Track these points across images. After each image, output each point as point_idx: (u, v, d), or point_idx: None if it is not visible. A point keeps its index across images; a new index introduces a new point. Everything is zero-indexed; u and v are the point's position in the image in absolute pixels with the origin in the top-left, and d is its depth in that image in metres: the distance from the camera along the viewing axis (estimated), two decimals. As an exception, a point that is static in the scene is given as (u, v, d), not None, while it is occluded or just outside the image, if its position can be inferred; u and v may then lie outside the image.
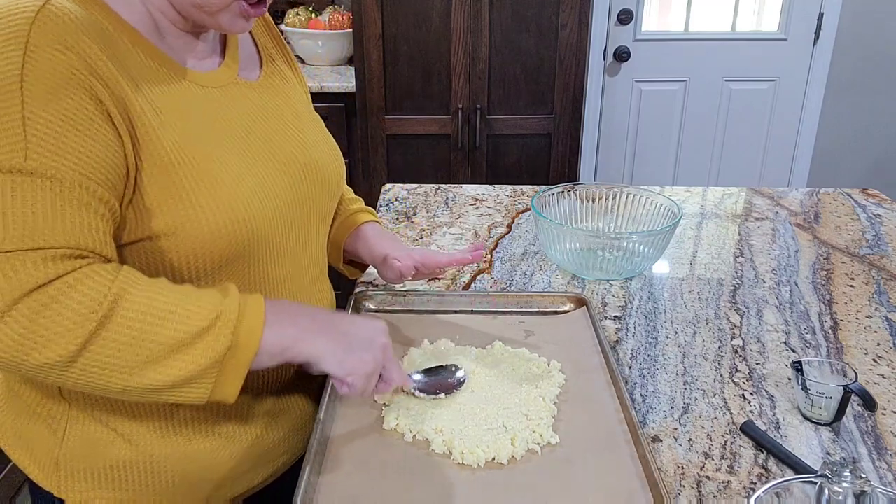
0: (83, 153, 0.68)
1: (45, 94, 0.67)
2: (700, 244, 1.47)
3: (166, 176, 0.74)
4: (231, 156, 0.80)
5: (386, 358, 0.82)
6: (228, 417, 0.87)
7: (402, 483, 0.78)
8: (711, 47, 3.09)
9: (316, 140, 0.95)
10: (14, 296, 0.63)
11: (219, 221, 0.76)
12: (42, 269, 0.64)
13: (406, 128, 2.61)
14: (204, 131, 0.79)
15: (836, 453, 0.88)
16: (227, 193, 0.77)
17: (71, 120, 0.68)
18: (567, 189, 1.40)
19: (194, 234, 0.75)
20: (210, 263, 0.78)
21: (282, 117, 0.91)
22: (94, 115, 0.69)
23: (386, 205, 1.62)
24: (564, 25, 2.51)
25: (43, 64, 0.67)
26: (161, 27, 0.81)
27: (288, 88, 0.96)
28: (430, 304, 1.14)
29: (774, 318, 1.19)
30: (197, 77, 0.82)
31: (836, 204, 1.69)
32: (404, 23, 2.49)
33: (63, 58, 0.68)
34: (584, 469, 0.80)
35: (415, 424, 0.85)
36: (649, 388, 1.00)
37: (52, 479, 0.84)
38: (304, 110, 0.97)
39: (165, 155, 0.74)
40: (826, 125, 3.21)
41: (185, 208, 0.75)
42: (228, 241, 0.78)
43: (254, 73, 0.92)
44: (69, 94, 0.68)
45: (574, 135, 2.67)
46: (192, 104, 0.80)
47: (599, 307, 1.21)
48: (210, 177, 0.77)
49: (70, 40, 0.69)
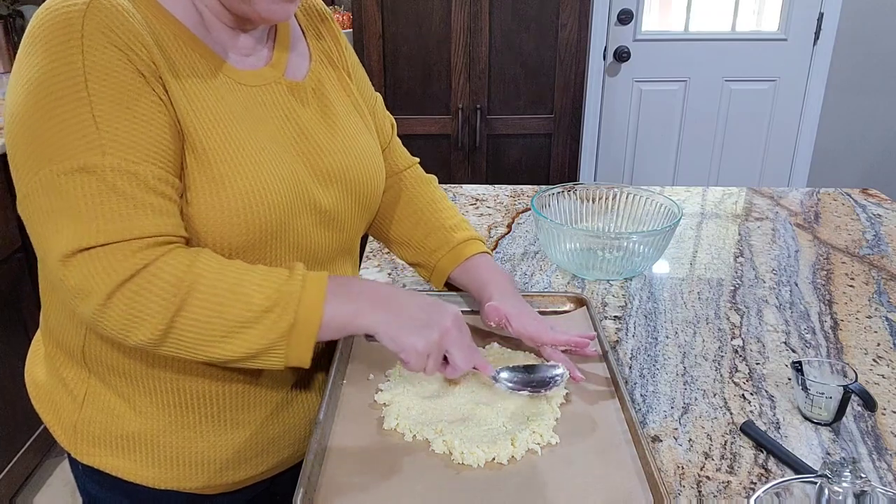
0: (151, 143, 0.73)
1: (109, 90, 0.71)
2: (700, 244, 1.47)
3: (195, 158, 0.78)
4: (253, 149, 0.82)
5: (448, 342, 0.82)
6: (237, 404, 0.90)
7: (402, 483, 0.78)
8: (711, 47, 3.09)
9: (350, 148, 0.94)
10: (112, 285, 0.70)
11: (233, 205, 0.79)
12: (133, 259, 0.71)
13: (406, 128, 2.61)
14: (231, 123, 0.81)
15: (836, 453, 0.88)
16: (244, 183, 0.80)
17: (135, 111, 0.72)
18: (567, 189, 1.40)
19: (214, 211, 0.79)
20: (231, 242, 0.81)
21: (316, 122, 0.91)
22: (152, 103, 0.74)
23: (386, 205, 1.62)
24: (564, 25, 2.51)
25: (101, 59, 0.71)
26: (207, 21, 0.83)
27: (332, 92, 0.96)
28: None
29: (774, 318, 1.19)
30: (235, 73, 0.84)
31: (836, 204, 1.69)
32: (404, 23, 2.49)
33: (117, 49, 0.72)
34: (584, 469, 0.80)
35: (415, 425, 0.85)
36: (649, 388, 1.00)
37: (72, 442, 0.90)
38: (346, 116, 0.96)
39: (197, 139, 0.78)
40: (826, 125, 3.21)
41: (210, 192, 0.78)
42: (242, 226, 0.80)
43: (301, 74, 0.93)
44: (129, 87, 0.72)
45: (574, 135, 2.67)
46: (232, 99, 0.83)
47: (599, 307, 1.21)
48: (237, 166, 0.80)
49: (121, 30, 0.73)
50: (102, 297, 0.70)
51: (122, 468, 0.89)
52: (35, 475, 2.17)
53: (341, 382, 0.95)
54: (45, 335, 0.93)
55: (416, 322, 0.81)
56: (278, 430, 0.95)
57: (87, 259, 0.70)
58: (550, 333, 0.95)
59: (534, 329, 0.95)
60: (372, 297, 0.82)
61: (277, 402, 0.94)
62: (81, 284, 0.71)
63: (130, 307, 0.71)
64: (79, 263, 0.70)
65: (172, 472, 0.89)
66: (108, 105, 0.71)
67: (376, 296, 0.83)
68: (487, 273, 1.03)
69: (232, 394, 0.89)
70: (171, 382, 0.87)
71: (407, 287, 1.20)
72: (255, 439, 0.93)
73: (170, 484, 0.90)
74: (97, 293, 0.70)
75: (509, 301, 0.98)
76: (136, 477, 0.89)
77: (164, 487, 0.90)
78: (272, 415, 0.94)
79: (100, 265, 0.70)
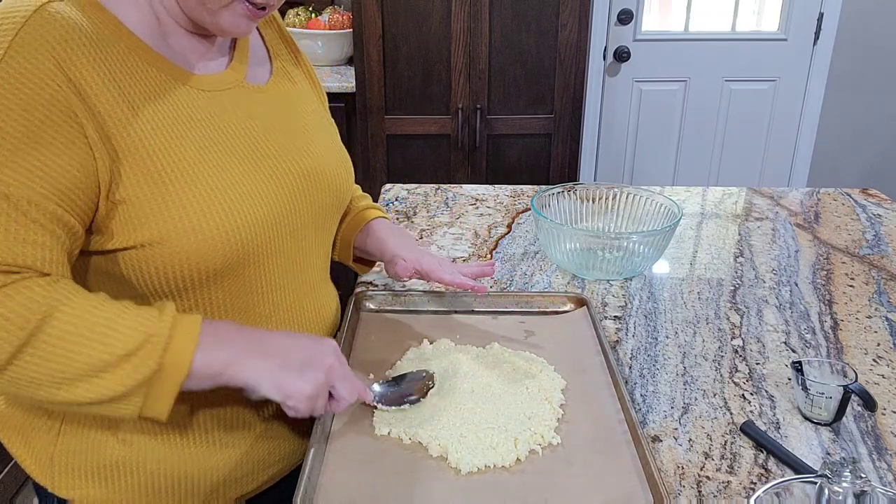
0: (42, 170, 0.67)
1: (13, 104, 0.65)
2: (700, 244, 1.47)
3: (154, 185, 0.73)
4: (228, 161, 0.79)
5: (334, 377, 0.79)
6: (223, 424, 0.87)
7: (402, 483, 0.78)
8: (711, 47, 3.09)
9: (323, 147, 0.93)
10: None
11: (209, 231, 0.75)
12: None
13: (406, 128, 2.61)
14: (200, 137, 0.77)
15: (836, 453, 0.88)
16: (218, 201, 0.76)
17: (34, 133, 0.66)
18: (567, 189, 1.40)
19: (184, 244, 0.74)
20: (202, 273, 0.77)
21: (286, 122, 0.89)
22: (62, 130, 0.68)
23: (386, 205, 1.62)
24: (564, 25, 2.51)
25: (19, 70, 0.65)
26: (165, 27, 0.79)
27: (297, 92, 0.94)
28: (430, 304, 1.14)
29: (774, 318, 1.19)
30: (199, 81, 0.81)
31: (836, 204, 1.69)
32: (404, 23, 2.49)
33: (43, 67, 0.66)
34: (584, 469, 0.80)
35: (409, 427, 0.85)
36: (649, 388, 1.00)
37: (47, 475, 0.84)
38: (313, 115, 0.95)
39: (152, 164, 0.73)
40: (826, 125, 3.21)
41: (173, 218, 0.74)
42: (220, 251, 0.76)
43: (263, 77, 0.91)
44: (39, 107, 0.66)
45: (574, 135, 2.67)
46: (191, 109, 0.78)
47: (599, 307, 1.21)
48: (201, 184, 0.75)
49: (59, 48, 0.67)
50: None
51: (107, 499, 0.83)
52: (35, 475, 2.17)
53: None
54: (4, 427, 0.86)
55: (298, 365, 0.77)
56: (269, 446, 0.92)
57: None
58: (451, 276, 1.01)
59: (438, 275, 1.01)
60: (248, 342, 0.77)
61: (268, 418, 0.91)
62: None
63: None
64: None
65: (161, 500, 0.85)
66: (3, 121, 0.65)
67: (251, 340, 0.77)
68: (384, 232, 1.07)
69: (219, 414, 0.86)
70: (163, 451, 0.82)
71: (406, 287, 1.20)
72: (247, 458, 0.89)
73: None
74: None
75: (413, 252, 1.04)
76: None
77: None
78: (263, 433, 0.91)
79: None
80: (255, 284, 0.83)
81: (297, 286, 0.89)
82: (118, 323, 0.69)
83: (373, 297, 1.15)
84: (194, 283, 0.78)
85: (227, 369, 0.74)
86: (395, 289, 1.18)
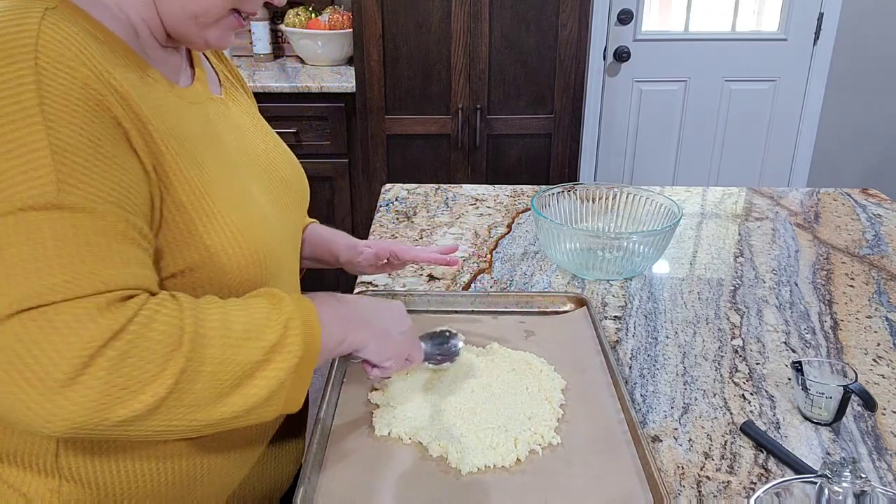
0: (115, 181, 0.62)
1: (67, 117, 0.59)
2: (700, 244, 1.47)
3: (195, 203, 0.70)
4: (235, 172, 0.78)
5: (412, 343, 0.88)
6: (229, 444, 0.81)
7: (402, 483, 0.78)
8: (711, 47, 3.09)
9: (282, 154, 0.94)
10: (86, 352, 0.55)
11: (247, 243, 0.74)
12: (108, 315, 0.57)
13: (406, 128, 2.61)
14: (209, 150, 0.75)
15: (836, 453, 0.88)
16: (247, 213, 0.75)
17: (98, 145, 0.61)
18: (567, 189, 1.40)
19: (227, 261, 0.72)
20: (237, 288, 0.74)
21: (252, 132, 0.89)
22: (117, 138, 0.63)
23: (386, 205, 1.62)
24: (564, 25, 2.51)
25: (59, 83, 0.60)
26: (142, 40, 0.74)
27: (245, 103, 0.95)
28: (430, 304, 1.14)
29: (774, 318, 1.19)
30: (180, 91, 0.78)
31: (836, 204, 1.69)
32: (404, 23, 2.49)
33: (78, 75, 0.61)
34: (584, 469, 0.80)
35: (410, 429, 0.85)
36: (649, 388, 1.00)
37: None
38: (259, 121, 0.95)
39: (185, 174, 0.70)
40: (826, 125, 3.21)
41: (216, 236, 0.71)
42: (256, 262, 0.75)
43: (216, 88, 0.89)
44: (92, 115, 0.61)
45: (574, 135, 2.67)
46: (191, 123, 0.76)
47: (599, 307, 1.21)
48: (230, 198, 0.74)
49: (81, 54, 0.62)
50: (70, 369, 0.54)
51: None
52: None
53: (341, 381, 0.95)
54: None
55: (393, 329, 0.84)
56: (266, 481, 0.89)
57: (36, 321, 0.54)
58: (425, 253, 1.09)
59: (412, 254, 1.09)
60: (351, 313, 0.81)
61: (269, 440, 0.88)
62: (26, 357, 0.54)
63: (116, 375, 0.56)
64: (21, 328, 0.54)
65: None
66: (67, 134, 0.59)
67: (352, 310, 0.81)
68: (327, 233, 1.10)
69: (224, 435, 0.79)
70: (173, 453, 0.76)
71: (406, 286, 1.20)
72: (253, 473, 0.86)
73: None
74: (59, 366, 0.54)
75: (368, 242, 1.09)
76: None
77: None
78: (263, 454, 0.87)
79: (61, 327, 0.55)
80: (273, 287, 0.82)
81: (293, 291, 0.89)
82: (253, 319, 0.67)
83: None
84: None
85: (341, 344, 0.78)
86: (395, 289, 1.18)
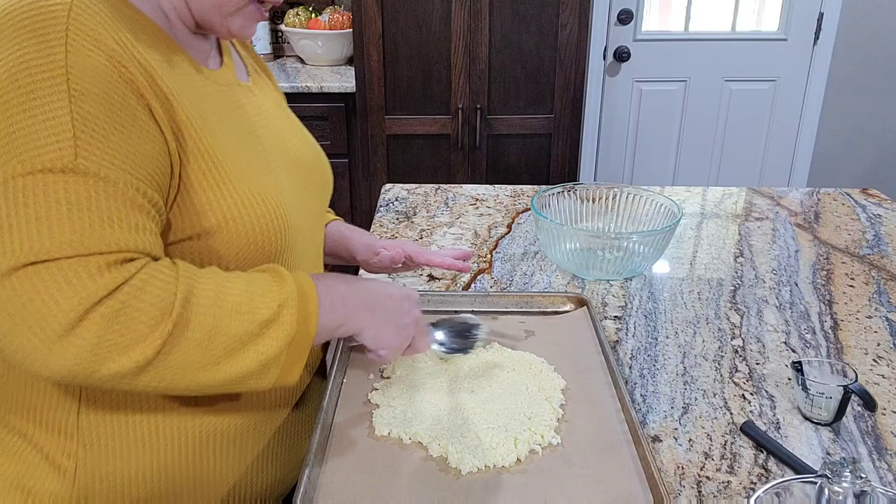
0: (131, 151, 0.66)
1: (92, 89, 0.64)
2: (700, 244, 1.47)
3: (210, 171, 0.73)
4: (257, 150, 0.82)
5: (417, 330, 0.88)
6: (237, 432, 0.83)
7: (402, 483, 0.78)
8: (711, 47, 3.09)
9: (307, 143, 0.97)
10: (82, 307, 0.60)
11: (262, 214, 0.76)
12: (107, 274, 0.61)
13: (406, 128, 2.61)
14: (233, 127, 0.79)
15: (836, 453, 0.88)
16: (264, 188, 0.78)
17: (117, 116, 0.65)
18: (567, 189, 1.40)
19: (241, 229, 0.75)
20: (253, 257, 0.77)
21: (278, 119, 0.92)
22: (137, 110, 0.67)
23: (386, 205, 1.63)
24: (564, 25, 2.51)
25: (86, 56, 0.64)
26: (171, 23, 0.79)
27: (267, 87, 0.97)
28: (430, 304, 1.14)
29: (774, 318, 1.19)
30: (208, 73, 0.82)
31: (836, 204, 1.69)
32: (404, 23, 2.49)
33: (105, 49, 0.66)
34: (584, 469, 0.80)
35: (410, 427, 0.85)
36: (649, 388, 1.00)
37: None
38: (286, 111, 0.99)
39: (205, 148, 0.73)
40: (826, 125, 3.21)
41: (231, 205, 0.74)
42: (272, 233, 0.78)
43: (243, 76, 0.92)
44: (114, 88, 0.66)
45: (574, 135, 2.67)
46: (216, 102, 0.80)
47: (599, 307, 1.21)
48: (248, 172, 0.77)
49: (110, 30, 0.67)
50: (67, 321, 0.59)
51: None
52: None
53: (341, 381, 0.95)
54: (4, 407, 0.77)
55: (396, 320, 0.85)
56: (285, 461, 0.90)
57: (41, 275, 0.59)
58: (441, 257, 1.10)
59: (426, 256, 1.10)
60: (355, 297, 0.81)
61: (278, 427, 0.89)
62: (32, 307, 0.59)
63: (107, 331, 0.60)
64: (29, 280, 0.59)
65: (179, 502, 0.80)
66: (90, 105, 0.63)
67: (357, 294, 0.82)
68: (348, 231, 1.12)
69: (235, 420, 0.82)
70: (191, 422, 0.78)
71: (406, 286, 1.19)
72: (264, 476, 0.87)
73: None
74: (57, 317, 0.59)
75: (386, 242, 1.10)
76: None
77: None
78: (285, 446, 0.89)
79: (63, 282, 0.59)
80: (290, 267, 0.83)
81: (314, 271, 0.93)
82: (251, 293, 0.69)
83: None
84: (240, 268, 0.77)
85: (341, 327, 0.80)
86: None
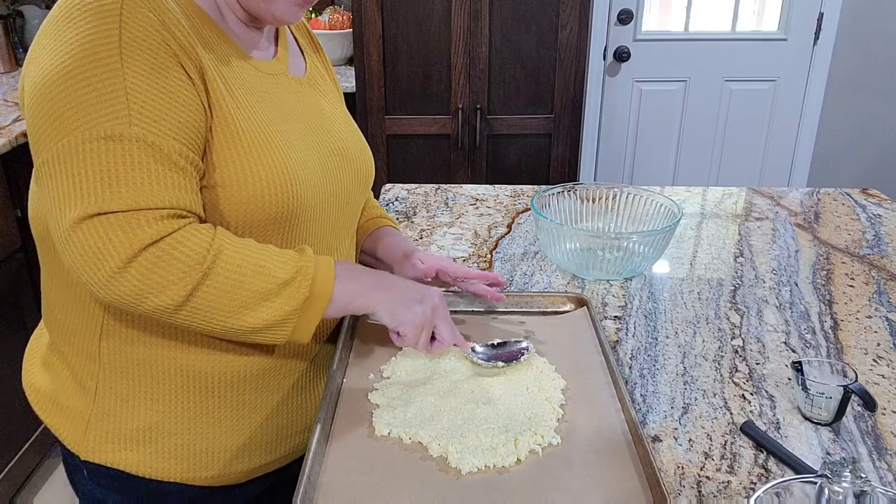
0: (176, 120, 0.76)
1: (142, 65, 0.74)
2: (700, 244, 1.47)
3: (229, 134, 0.82)
4: (286, 129, 0.88)
5: (437, 316, 0.92)
6: (255, 386, 0.92)
7: (402, 483, 0.78)
8: (711, 47, 3.09)
9: (351, 136, 1.02)
10: (133, 250, 0.72)
11: (273, 180, 0.83)
12: (154, 226, 0.73)
13: (406, 128, 2.61)
14: (262, 105, 0.87)
15: (836, 453, 0.88)
16: (281, 157, 0.84)
17: (164, 88, 0.75)
18: (567, 189, 1.40)
19: (250, 188, 0.82)
20: (256, 220, 0.84)
21: (323, 113, 0.98)
22: (181, 81, 0.77)
23: (386, 205, 1.63)
24: (564, 25, 2.51)
25: (137, 33, 0.74)
26: (223, 14, 0.88)
27: (326, 88, 1.04)
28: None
29: (774, 318, 1.19)
30: (254, 61, 0.90)
31: (836, 204, 1.69)
32: (404, 23, 2.49)
33: (152, 28, 0.75)
34: (584, 469, 0.80)
35: (410, 428, 0.85)
36: (649, 388, 1.00)
37: (81, 441, 0.90)
38: (341, 110, 1.06)
39: (229, 115, 0.82)
40: (826, 125, 3.21)
41: (244, 164, 0.82)
42: (279, 200, 0.84)
43: (299, 71, 1.00)
44: (161, 63, 0.75)
45: (574, 135, 2.67)
46: (254, 82, 0.88)
47: (599, 307, 1.21)
48: (268, 141, 0.84)
49: (159, 10, 0.76)
50: (120, 261, 0.71)
51: (135, 462, 0.89)
52: (35, 475, 2.17)
53: (342, 381, 0.95)
54: (54, 330, 0.93)
55: (411, 299, 0.90)
56: (290, 415, 0.97)
57: (103, 223, 0.71)
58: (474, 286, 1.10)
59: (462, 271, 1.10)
60: (372, 279, 0.90)
61: (291, 385, 0.96)
62: (96, 248, 0.71)
63: (151, 273, 0.73)
64: (94, 227, 0.71)
65: (186, 463, 0.90)
66: (139, 78, 0.74)
67: (375, 278, 0.91)
68: (397, 238, 1.15)
69: (251, 375, 0.91)
70: (191, 366, 0.88)
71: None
72: (268, 424, 0.95)
73: (181, 476, 0.90)
74: (114, 257, 0.71)
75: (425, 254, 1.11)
76: (149, 470, 0.89)
77: (175, 480, 0.90)
78: (286, 398, 0.96)
79: (119, 230, 0.71)
80: (300, 242, 0.90)
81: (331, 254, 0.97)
82: (271, 259, 0.80)
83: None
84: (244, 229, 0.85)
85: (356, 299, 0.87)
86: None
